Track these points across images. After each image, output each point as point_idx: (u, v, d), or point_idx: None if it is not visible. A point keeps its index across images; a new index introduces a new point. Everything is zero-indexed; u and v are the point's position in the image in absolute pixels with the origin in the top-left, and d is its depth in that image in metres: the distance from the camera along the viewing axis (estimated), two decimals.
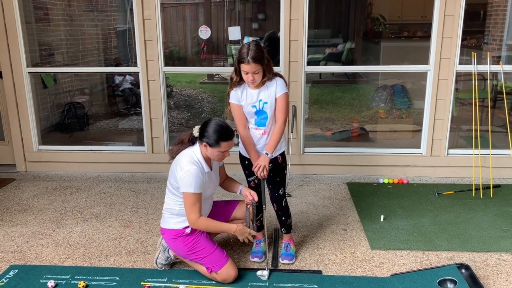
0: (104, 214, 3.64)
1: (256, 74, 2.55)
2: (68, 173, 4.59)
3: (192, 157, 2.55)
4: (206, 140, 2.51)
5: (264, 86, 2.65)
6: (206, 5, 6.97)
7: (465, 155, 4.28)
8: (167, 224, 2.70)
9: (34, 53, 4.83)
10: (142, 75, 4.32)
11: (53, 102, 5.56)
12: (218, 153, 2.54)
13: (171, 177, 2.63)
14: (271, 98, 2.65)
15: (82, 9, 5.88)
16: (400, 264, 2.84)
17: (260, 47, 2.56)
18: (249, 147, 2.71)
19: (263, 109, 2.67)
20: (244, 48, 2.53)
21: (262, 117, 2.69)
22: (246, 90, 2.67)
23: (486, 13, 5.93)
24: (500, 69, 4.16)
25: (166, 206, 2.71)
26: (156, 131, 4.46)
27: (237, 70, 2.61)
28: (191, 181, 2.48)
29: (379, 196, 3.90)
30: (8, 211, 3.72)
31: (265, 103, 2.65)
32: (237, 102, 2.67)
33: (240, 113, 2.69)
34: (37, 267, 2.85)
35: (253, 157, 2.70)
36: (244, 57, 2.51)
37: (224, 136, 2.51)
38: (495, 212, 3.54)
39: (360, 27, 7.78)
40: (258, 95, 2.65)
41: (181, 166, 2.53)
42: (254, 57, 2.49)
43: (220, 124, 2.53)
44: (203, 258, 2.63)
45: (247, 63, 2.51)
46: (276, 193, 2.84)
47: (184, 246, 2.64)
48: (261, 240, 2.96)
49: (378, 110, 5.89)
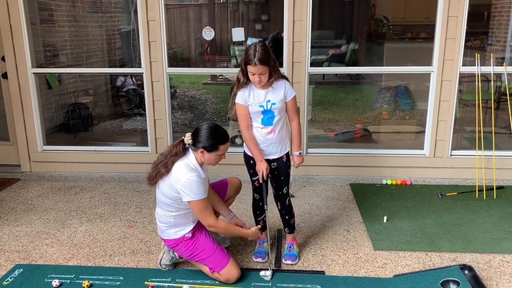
0: (108, 214, 3.66)
1: (263, 75, 2.56)
2: (73, 173, 4.61)
3: (189, 165, 2.49)
4: (202, 145, 2.47)
5: (271, 87, 2.66)
6: (210, 6, 7.00)
7: (468, 156, 4.27)
8: (166, 235, 2.69)
9: (39, 54, 4.86)
10: (146, 76, 4.34)
11: (58, 103, 5.59)
12: (215, 157, 2.53)
13: (167, 188, 2.52)
14: (279, 99, 2.67)
15: (86, 10, 5.91)
16: (403, 265, 2.85)
17: (266, 48, 2.56)
18: (252, 147, 2.72)
19: (270, 109, 2.68)
20: (251, 49, 2.54)
21: (269, 116, 2.70)
22: (253, 91, 2.67)
23: (490, 14, 5.92)
24: (503, 71, 4.16)
25: (161, 219, 2.66)
26: (160, 132, 4.48)
27: (243, 71, 2.61)
28: (196, 188, 2.45)
29: (382, 197, 3.90)
30: (13, 211, 3.75)
31: (273, 104, 2.67)
32: (244, 103, 2.68)
33: (245, 113, 2.70)
34: (42, 267, 2.86)
35: (256, 156, 2.71)
36: (251, 59, 2.51)
37: (221, 138, 2.51)
38: (499, 214, 3.54)
39: (364, 28, 7.79)
40: (266, 95, 2.66)
41: (180, 176, 2.46)
42: (260, 58, 2.50)
43: (213, 127, 2.52)
44: (205, 259, 2.64)
45: (254, 65, 2.51)
46: (280, 191, 2.85)
47: (186, 250, 2.66)
48: (264, 241, 2.97)
49: (381, 111, 5.89)
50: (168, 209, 2.59)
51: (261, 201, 2.89)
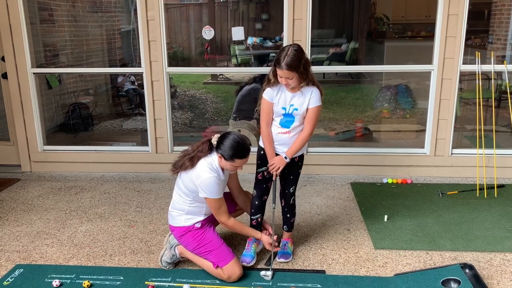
0: (108, 214, 3.66)
1: (290, 80, 2.54)
2: (73, 173, 4.61)
3: (212, 165, 2.58)
4: (221, 152, 2.55)
5: (299, 92, 2.63)
6: (210, 6, 6.99)
7: (469, 155, 4.27)
8: (176, 222, 2.73)
9: (39, 54, 4.85)
10: (146, 75, 4.34)
11: (58, 103, 5.59)
12: (231, 166, 2.59)
13: (187, 180, 2.62)
14: (302, 106, 2.64)
15: (86, 10, 5.90)
16: (404, 264, 2.84)
17: (299, 53, 2.51)
18: (267, 144, 2.73)
19: (291, 113, 2.67)
20: (283, 51, 2.51)
21: (288, 120, 2.68)
22: (281, 92, 2.65)
23: (490, 13, 5.90)
24: (504, 69, 4.15)
25: (175, 205, 2.73)
26: (160, 131, 4.48)
27: (273, 69, 2.60)
28: (213, 188, 2.54)
29: (383, 196, 3.90)
30: (13, 211, 3.75)
31: (295, 109, 2.65)
32: (270, 99, 2.66)
33: (269, 110, 2.68)
34: (42, 267, 2.86)
35: (269, 154, 2.71)
36: (279, 62, 2.49)
37: (239, 153, 2.54)
38: (499, 212, 3.53)
39: (364, 27, 7.78)
40: (291, 99, 2.64)
41: (200, 173, 2.55)
42: (288, 63, 2.47)
43: (237, 140, 2.55)
44: (210, 252, 2.65)
45: (281, 69, 2.49)
46: (287, 190, 2.85)
47: (193, 240, 2.68)
48: (253, 241, 2.88)
49: (382, 110, 5.88)
50: (185, 197, 2.67)
51: (258, 200, 2.86)
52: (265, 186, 2.85)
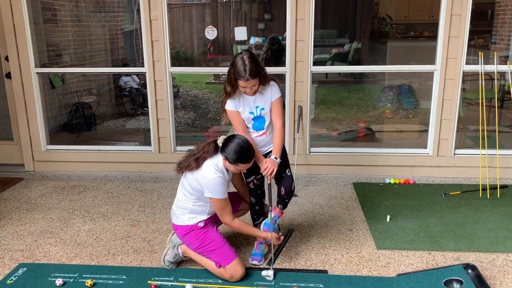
0: (111, 214, 3.67)
1: (254, 86, 2.59)
2: (76, 173, 4.62)
3: (217, 165, 2.59)
4: (225, 154, 2.56)
5: (259, 92, 2.67)
6: (213, 6, 7.00)
7: (472, 155, 4.26)
8: (179, 220, 2.73)
9: (42, 53, 4.87)
10: (149, 75, 4.35)
11: (61, 102, 5.61)
12: (234, 168, 2.60)
13: (193, 180, 2.62)
14: (267, 103, 2.71)
15: (89, 10, 5.92)
16: (406, 264, 2.84)
17: (255, 59, 2.54)
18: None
19: (260, 115, 2.72)
20: (239, 63, 2.51)
21: (260, 122, 2.74)
22: (243, 99, 2.69)
23: (493, 13, 5.89)
24: (507, 69, 4.14)
25: (179, 204, 2.74)
26: (163, 131, 4.49)
27: (232, 84, 2.58)
28: (218, 188, 2.55)
29: (385, 196, 3.90)
30: (17, 210, 3.76)
31: (262, 109, 2.71)
32: (235, 108, 2.69)
33: (239, 118, 2.71)
34: (45, 266, 2.88)
35: (258, 158, 2.71)
36: (242, 75, 2.50)
37: (242, 158, 2.55)
38: (502, 213, 3.53)
39: (367, 27, 7.77)
40: (255, 101, 2.69)
41: (206, 173, 2.56)
42: (252, 72, 2.50)
43: (241, 145, 2.55)
44: (213, 251, 2.66)
45: (246, 80, 2.51)
46: (284, 173, 2.83)
47: (196, 239, 2.69)
48: (262, 242, 2.93)
49: (384, 110, 5.88)
50: (189, 196, 2.68)
51: (257, 205, 2.90)
52: (260, 192, 2.88)
